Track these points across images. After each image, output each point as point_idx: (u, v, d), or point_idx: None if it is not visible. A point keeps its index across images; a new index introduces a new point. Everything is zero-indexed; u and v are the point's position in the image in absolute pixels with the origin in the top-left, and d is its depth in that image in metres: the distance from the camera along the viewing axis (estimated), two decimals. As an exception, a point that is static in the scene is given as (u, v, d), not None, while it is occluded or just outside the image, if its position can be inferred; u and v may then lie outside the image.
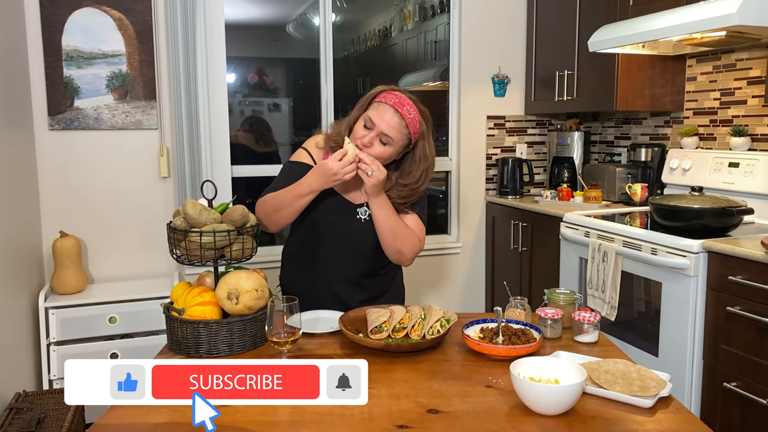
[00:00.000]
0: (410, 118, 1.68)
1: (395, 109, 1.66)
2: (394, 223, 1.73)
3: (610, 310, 2.55)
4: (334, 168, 1.60)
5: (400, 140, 1.69)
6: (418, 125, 1.70)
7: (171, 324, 1.50)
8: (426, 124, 1.73)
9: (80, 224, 3.02)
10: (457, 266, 3.75)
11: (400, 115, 1.66)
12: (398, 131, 1.67)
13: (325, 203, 1.78)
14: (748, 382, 2.07)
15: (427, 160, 1.75)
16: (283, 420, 1.16)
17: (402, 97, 1.69)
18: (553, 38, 3.46)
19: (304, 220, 1.80)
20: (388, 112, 1.66)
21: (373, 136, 1.67)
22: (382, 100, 1.69)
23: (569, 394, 1.15)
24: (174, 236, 1.50)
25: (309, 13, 3.59)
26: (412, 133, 1.70)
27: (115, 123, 3.03)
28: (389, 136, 1.67)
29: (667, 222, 2.40)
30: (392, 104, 1.67)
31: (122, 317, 2.73)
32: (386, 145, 1.68)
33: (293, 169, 1.80)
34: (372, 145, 1.67)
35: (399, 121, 1.66)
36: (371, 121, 1.67)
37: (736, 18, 2.14)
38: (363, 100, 1.75)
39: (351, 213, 1.79)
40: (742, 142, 2.72)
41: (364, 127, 1.69)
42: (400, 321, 1.54)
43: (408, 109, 1.68)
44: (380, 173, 1.63)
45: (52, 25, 2.88)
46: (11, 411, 2.16)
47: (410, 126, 1.68)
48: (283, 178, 1.79)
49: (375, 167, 1.62)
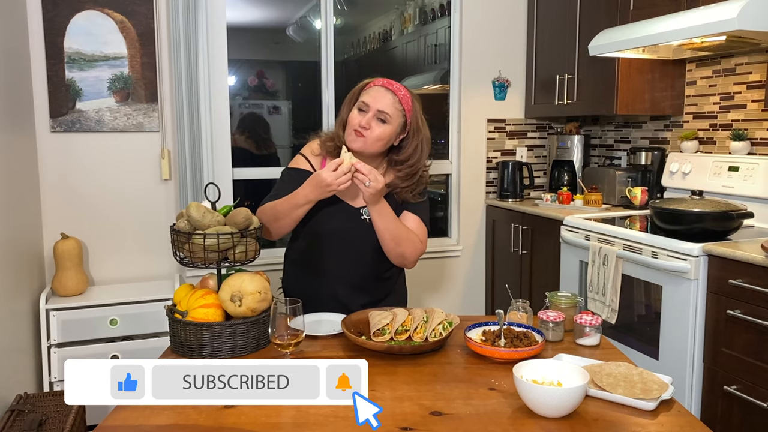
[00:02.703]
0: (401, 95, 1.74)
1: (386, 88, 1.74)
2: (395, 229, 1.74)
3: (610, 313, 2.55)
4: (328, 179, 1.61)
5: (396, 117, 1.73)
6: (411, 101, 1.77)
7: (174, 326, 1.50)
8: (418, 102, 1.80)
9: (81, 226, 3.02)
10: (457, 269, 3.76)
11: (392, 92, 1.73)
12: (393, 107, 1.72)
13: (326, 209, 1.78)
14: (748, 385, 2.07)
15: (419, 133, 1.78)
16: (287, 422, 1.16)
17: (389, 80, 1.77)
18: (554, 42, 3.48)
19: (306, 226, 1.81)
20: (380, 91, 1.73)
21: (370, 117, 1.71)
22: (370, 85, 1.76)
23: (572, 397, 1.15)
24: (177, 238, 1.50)
25: (309, 16, 3.60)
26: (406, 109, 1.75)
27: (117, 125, 3.03)
28: (386, 113, 1.71)
29: (668, 225, 2.41)
30: (382, 85, 1.75)
31: (123, 319, 2.73)
32: (385, 123, 1.72)
33: (291, 176, 1.81)
34: (370, 125, 1.71)
35: (392, 97, 1.73)
36: (365, 104, 1.72)
37: (736, 23, 2.15)
38: (351, 95, 1.80)
39: (353, 216, 1.80)
40: (741, 146, 2.73)
41: (359, 112, 1.73)
42: (402, 323, 1.54)
43: (397, 87, 1.75)
44: (377, 183, 1.63)
45: (54, 28, 2.88)
46: (12, 413, 2.16)
47: (403, 102, 1.74)
48: (282, 185, 1.81)
49: (372, 177, 1.62)
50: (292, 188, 1.73)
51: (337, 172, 1.61)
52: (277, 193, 1.78)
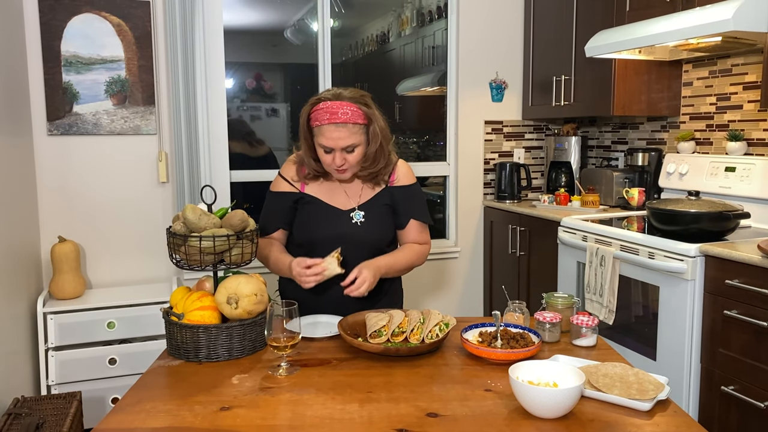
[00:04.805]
0: (350, 117, 1.68)
1: (333, 124, 1.67)
2: (403, 264, 1.86)
3: (607, 314, 2.55)
4: (297, 274, 1.66)
5: (359, 136, 1.72)
6: (361, 112, 1.70)
7: (170, 329, 1.50)
8: (366, 104, 1.73)
9: (79, 229, 3.02)
10: (455, 270, 3.76)
11: (341, 123, 1.68)
12: (352, 135, 1.70)
13: (317, 215, 1.82)
14: (745, 385, 2.07)
15: (377, 137, 1.75)
16: (282, 424, 1.16)
17: (329, 106, 1.68)
18: (551, 43, 3.48)
19: (299, 233, 1.85)
20: (330, 130, 1.68)
21: (339, 155, 1.71)
22: (317, 123, 1.70)
23: (568, 398, 1.15)
24: (174, 241, 1.50)
25: (307, 18, 3.61)
26: (362, 122, 1.71)
27: (114, 128, 3.03)
28: (350, 145, 1.70)
29: (665, 226, 2.41)
30: (328, 121, 1.67)
31: (121, 322, 2.73)
32: (354, 150, 1.72)
33: (275, 201, 1.87)
34: (345, 160, 1.72)
35: (345, 128, 1.68)
36: (326, 146, 1.71)
37: (731, 24, 2.15)
38: (302, 130, 1.76)
39: (344, 221, 1.82)
40: (738, 147, 2.73)
41: (326, 153, 1.72)
42: (399, 325, 1.54)
43: (343, 112, 1.67)
44: (370, 281, 1.67)
45: (51, 31, 2.89)
46: (10, 416, 2.16)
47: (357, 121, 1.70)
48: (268, 212, 1.87)
49: (365, 287, 1.66)
50: (278, 216, 1.84)
51: (309, 271, 1.64)
52: (266, 219, 1.85)
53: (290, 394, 1.29)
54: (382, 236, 1.85)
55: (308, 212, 1.83)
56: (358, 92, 1.73)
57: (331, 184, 1.85)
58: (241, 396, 1.28)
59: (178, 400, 1.27)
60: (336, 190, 1.84)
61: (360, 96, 1.73)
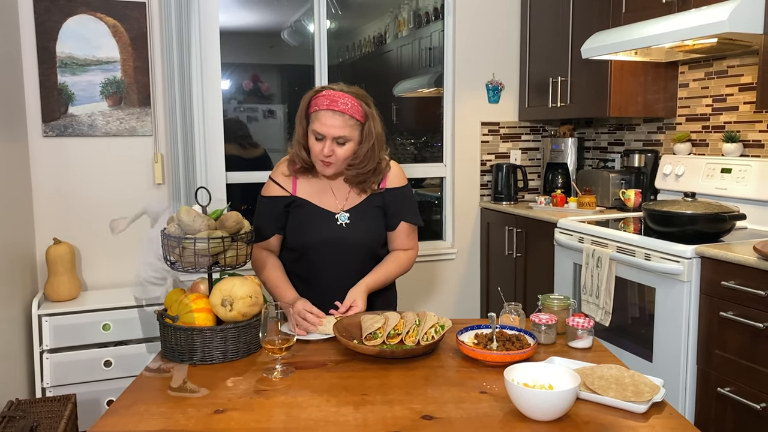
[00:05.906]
0: (348, 108, 1.69)
1: (332, 110, 1.68)
2: (391, 277, 1.87)
3: (604, 315, 2.55)
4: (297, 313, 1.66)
5: (354, 130, 1.72)
6: (361, 109, 1.72)
7: (165, 331, 1.50)
8: (367, 103, 1.75)
9: (74, 231, 3.01)
10: (451, 272, 3.75)
11: (339, 112, 1.68)
12: (346, 126, 1.70)
13: (307, 219, 1.82)
14: (741, 387, 2.07)
15: (371, 137, 1.75)
16: (277, 427, 1.16)
17: (331, 94, 1.70)
18: (547, 45, 3.48)
19: (290, 239, 1.86)
20: (327, 116, 1.69)
21: (329, 145, 1.71)
22: (316, 108, 1.71)
23: (563, 400, 1.15)
24: (168, 243, 1.50)
25: (304, 20, 3.60)
26: (359, 118, 1.72)
27: (110, 130, 3.02)
28: (342, 136, 1.70)
29: (661, 228, 2.41)
30: (326, 107, 1.69)
31: (116, 324, 2.72)
32: (345, 144, 1.72)
33: (267, 205, 1.86)
34: (333, 151, 1.72)
35: (341, 117, 1.69)
36: (318, 132, 1.70)
37: (727, 25, 2.16)
38: (299, 114, 1.77)
39: (332, 225, 1.82)
40: (734, 148, 2.74)
41: (317, 141, 1.72)
42: (394, 327, 1.54)
43: (343, 102, 1.69)
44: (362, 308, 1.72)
45: (46, 32, 2.88)
46: (4, 419, 2.14)
47: (354, 114, 1.70)
48: (261, 217, 1.87)
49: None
50: (271, 221, 1.84)
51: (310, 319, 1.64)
52: (259, 225, 1.84)
53: (285, 396, 1.29)
54: (371, 238, 1.85)
55: (299, 216, 1.83)
56: (362, 92, 1.76)
57: (320, 182, 1.84)
58: (235, 399, 1.28)
59: (171, 402, 1.26)
60: (325, 191, 1.84)
61: (363, 95, 1.75)
